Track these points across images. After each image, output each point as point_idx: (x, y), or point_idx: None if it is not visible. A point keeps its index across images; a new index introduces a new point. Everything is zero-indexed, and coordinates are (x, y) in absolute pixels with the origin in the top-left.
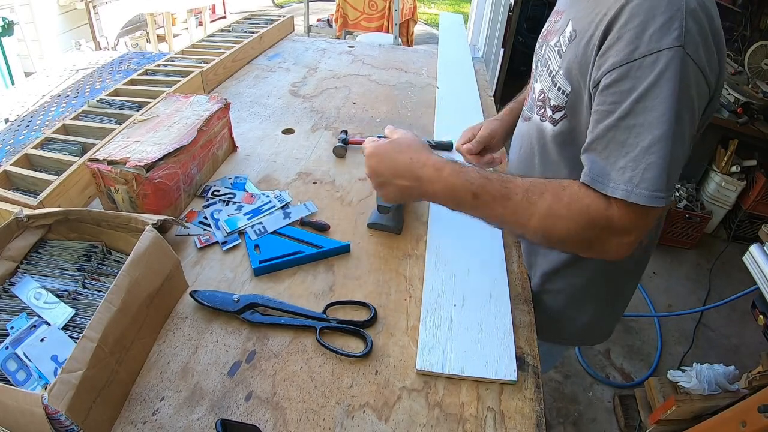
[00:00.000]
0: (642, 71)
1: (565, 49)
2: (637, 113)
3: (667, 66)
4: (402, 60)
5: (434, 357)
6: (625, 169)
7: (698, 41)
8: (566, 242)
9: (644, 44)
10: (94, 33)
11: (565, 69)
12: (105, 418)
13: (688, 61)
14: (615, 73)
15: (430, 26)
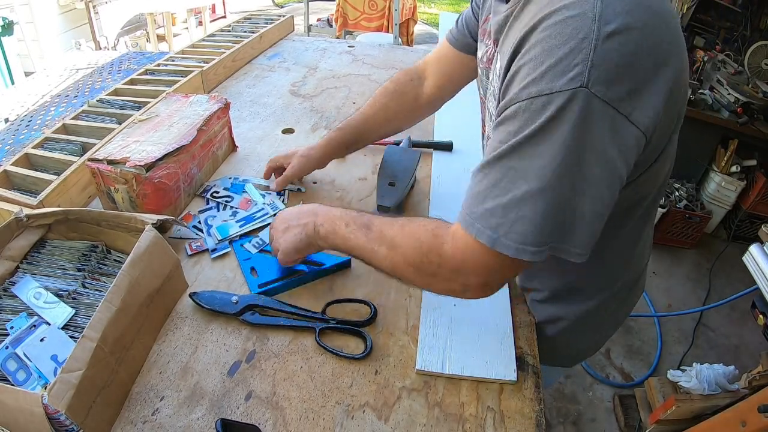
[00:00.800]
0: (530, 114)
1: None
2: (517, 157)
3: (560, 111)
4: (402, 60)
5: (434, 357)
6: (493, 214)
7: (612, 75)
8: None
9: (536, 83)
10: (94, 33)
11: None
12: (105, 418)
13: (593, 103)
14: (508, 111)
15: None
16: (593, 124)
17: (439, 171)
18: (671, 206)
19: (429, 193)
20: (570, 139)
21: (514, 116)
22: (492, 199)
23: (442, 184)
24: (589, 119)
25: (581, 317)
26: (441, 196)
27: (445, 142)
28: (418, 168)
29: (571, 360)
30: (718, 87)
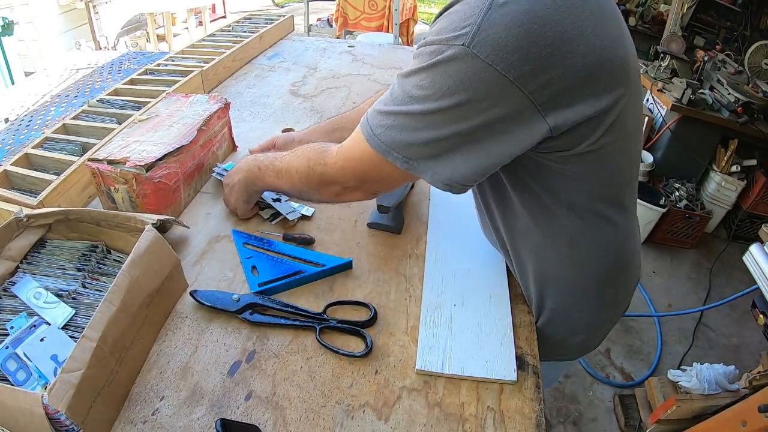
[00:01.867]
0: (423, 57)
1: None
2: (399, 83)
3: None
4: (402, 59)
5: (434, 357)
6: (379, 115)
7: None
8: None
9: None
10: (94, 33)
11: None
12: (105, 418)
13: (476, 62)
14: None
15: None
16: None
17: None
18: (671, 206)
19: (429, 193)
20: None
21: (415, 56)
22: (382, 104)
23: None
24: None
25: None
26: (441, 195)
27: None
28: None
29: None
30: (718, 87)
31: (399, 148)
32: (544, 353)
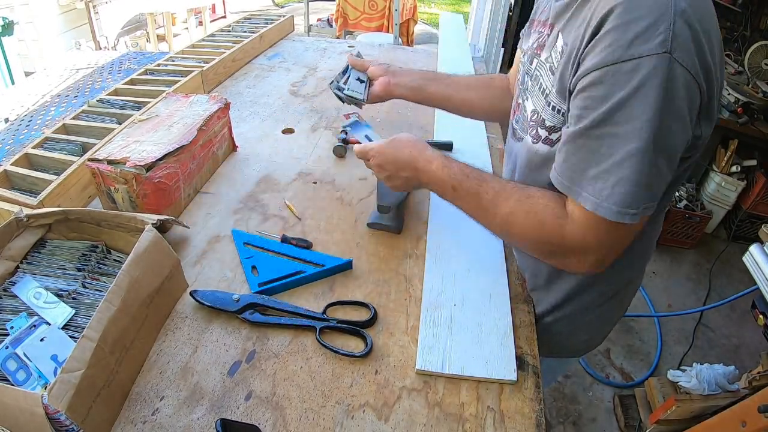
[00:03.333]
0: (618, 78)
1: (557, 65)
2: (612, 123)
3: (650, 74)
4: (402, 60)
5: (434, 357)
6: (597, 179)
7: (690, 45)
8: (525, 247)
9: (623, 48)
10: (94, 33)
11: (558, 87)
12: (105, 418)
13: (675, 68)
14: (590, 77)
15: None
16: (677, 88)
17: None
18: (671, 206)
19: (429, 193)
20: (660, 101)
21: (601, 81)
22: (594, 166)
23: None
24: (673, 82)
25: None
26: None
27: (445, 142)
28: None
29: (581, 349)
30: None
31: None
32: (550, 350)
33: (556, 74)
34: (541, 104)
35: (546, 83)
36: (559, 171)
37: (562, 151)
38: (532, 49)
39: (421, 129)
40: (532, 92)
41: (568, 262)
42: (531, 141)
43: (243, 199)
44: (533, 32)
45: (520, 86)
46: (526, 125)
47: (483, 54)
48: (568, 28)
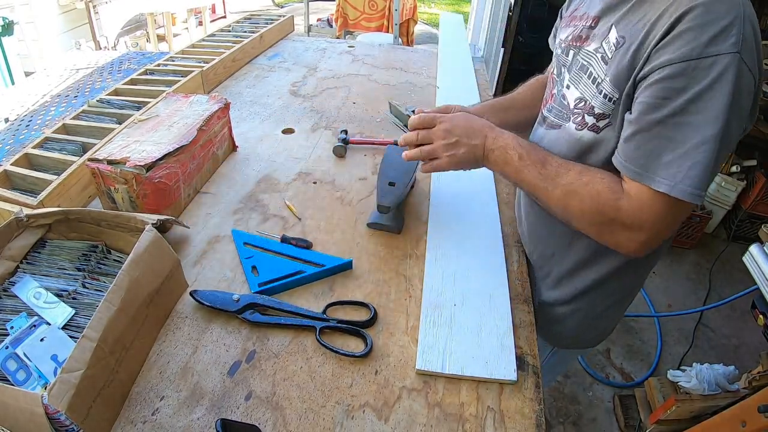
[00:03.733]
0: (698, 72)
1: (611, 56)
2: (689, 112)
3: (725, 71)
4: (402, 60)
5: (434, 357)
6: (671, 164)
7: (752, 47)
8: (581, 221)
9: (702, 46)
10: (94, 33)
11: (612, 76)
12: (105, 418)
13: (743, 68)
14: (669, 69)
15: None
16: (743, 85)
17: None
18: None
19: (429, 193)
20: (730, 95)
21: (681, 74)
22: (669, 152)
23: (442, 184)
24: (740, 80)
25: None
26: (441, 195)
27: None
28: (418, 168)
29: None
30: None
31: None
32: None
33: (611, 64)
34: (590, 92)
35: (598, 72)
36: (629, 158)
37: (634, 139)
38: (568, 41)
39: None
40: (577, 81)
41: (620, 238)
42: (575, 128)
43: (243, 199)
44: (567, 27)
45: (556, 77)
46: (567, 113)
47: (483, 54)
48: (624, 23)
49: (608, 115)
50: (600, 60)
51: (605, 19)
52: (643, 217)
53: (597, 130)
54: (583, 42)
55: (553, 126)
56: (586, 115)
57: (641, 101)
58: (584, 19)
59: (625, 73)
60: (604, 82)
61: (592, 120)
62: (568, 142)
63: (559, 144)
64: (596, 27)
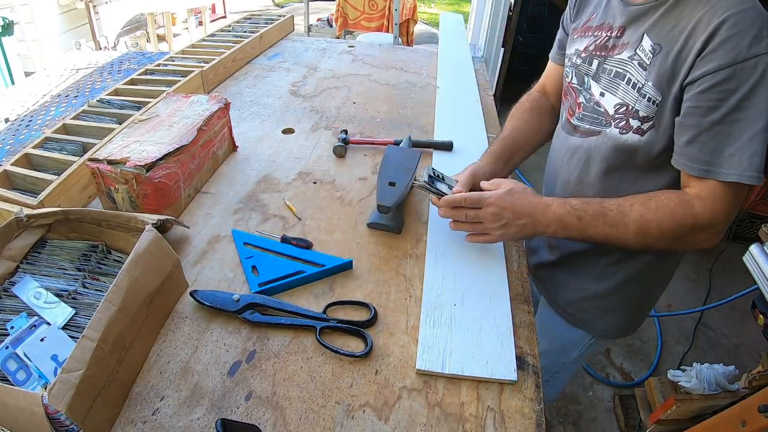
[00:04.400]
0: (744, 73)
1: (650, 62)
2: (742, 109)
3: (765, 69)
4: (402, 60)
5: (434, 357)
6: (733, 156)
7: None
8: (662, 241)
9: (745, 50)
10: (94, 33)
11: (654, 80)
12: (105, 418)
13: None
14: (720, 74)
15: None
16: None
17: (439, 171)
18: None
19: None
20: None
21: (731, 77)
22: (730, 146)
23: None
24: None
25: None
26: None
27: (445, 142)
28: (418, 168)
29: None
30: None
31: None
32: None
33: (651, 70)
34: (632, 97)
35: (637, 78)
36: (694, 158)
37: (697, 141)
38: (589, 51)
39: (421, 129)
40: (614, 88)
41: (699, 238)
42: (619, 132)
43: (243, 199)
44: (582, 38)
45: (578, 86)
46: (607, 119)
47: (483, 54)
48: (657, 31)
49: (652, 118)
50: (637, 66)
51: (633, 28)
52: (717, 211)
53: (641, 132)
54: (610, 51)
55: (590, 133)
56: (630, 119)
57: (696, 105)
58: (606, 29)
59: (668, 77)
60: (646, 86)
61: (637, 123)
62: (613, 147)
63: (602, 150)
64: (623, 36)
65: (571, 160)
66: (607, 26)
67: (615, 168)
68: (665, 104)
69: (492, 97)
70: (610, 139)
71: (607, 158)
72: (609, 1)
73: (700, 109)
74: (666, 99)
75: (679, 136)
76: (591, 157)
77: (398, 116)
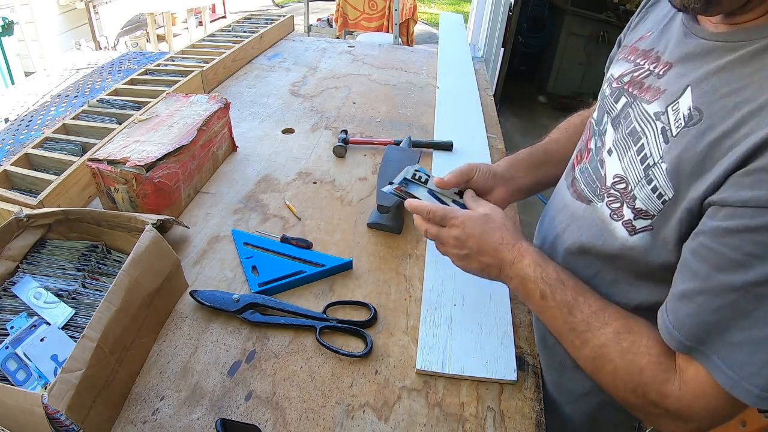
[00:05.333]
0: None
1: (677, 133)
2: None
3: None
4: (402, 60)
5: (434, 357)
6: (739, 348)
7: None
8: (610, 391)
9: None
10: (94, 33)
11: (671, 165)
12: (105, 418)
13: None
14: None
15: (430, 26)
16: None
17: (439, 171)
18: None
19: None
20: None
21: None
22: (741, 331)
23: None
24: None
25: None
26: None
27: (445, 142)
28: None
29: None
30: None
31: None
32: None
33: (674, 146)
34: (635, 174)
35: (652, 149)
36: (681, 325)
37: (694, 300)
38: (622, 83)
39: (421, 129)
40: (623, 150)
41: (660, 422)
42: (609, 215)
43: (243, 199)
44: (625, 60)
45: (596, 126)
46: (602, 189)
47: (483, 54)
48: (707, 89)
49: (651, 216)
50: (659, 133)
51: (680, 71)
52: (696, 408)
53: (632, 230)
54: (643, 92)
55: (582, 198)
56: (625, 204)
57: (712, 247)
58: (651, 58)
59: (693, 169)
60: (657, 167)
61: (630, 214)
62: (597, 230)
63: (586, 227)
64: (665, 76)
65: (557, 217)
66: (654, 56)
67: (592, 254)
68: (675, 207)
69: (492, 97)
70: (598, 218)
71: (587, 239)
72: (672, 20)
73: (715, 255)
74: (679, 200)
75: (678, 280)
76: (570, 226)
77: (398, 116)
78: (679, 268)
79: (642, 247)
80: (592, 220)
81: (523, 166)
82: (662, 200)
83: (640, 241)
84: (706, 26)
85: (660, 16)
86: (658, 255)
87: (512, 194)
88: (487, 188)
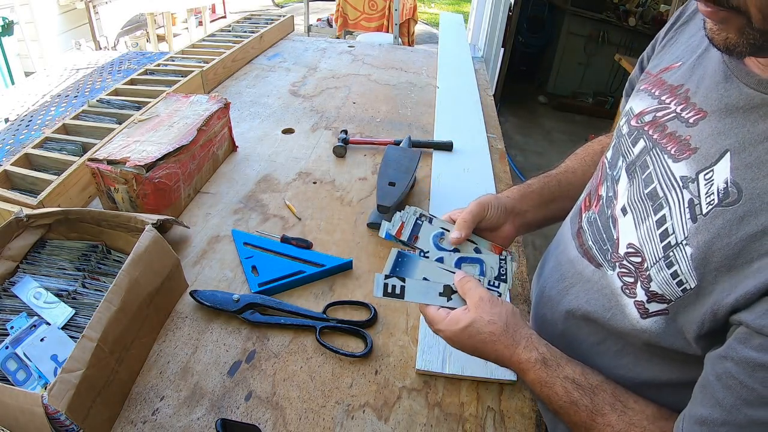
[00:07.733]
0: None
1: (708, 212)
2: None
3: None
4: (402, 60)
5: (434, 357)
6: None
7: None
8: None
9: None
10: (94, 33)
11: (698, 251)
12: (105, 418)
13: None
14: None
15: (430, 26)
16: None
17: (439, 171)
18: None
19: (429, 192)
20: None
21: None
22: None
23: (442, 183)
24: None
25: None
26: (441, 195)
27: (445, 142)
28: (418, 168)
29: None
30: None
31: None
32: None
33: (703, 227)
34: (654, 251)
35: (676, 224)
36: None
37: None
38: (643, 122)
39: (421, 129)
40: (641, 215)
41: None
42: (620, 288)
43: (243, 199)
44: (648, 94)
45: (609, 169)
46: (614, 256)
47: (483, 54)
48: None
49: (668, 301)
50: (686, 206)
51: (717, 126)
52: None
53: (644, 312)
54: (666, 139)
55: (591, 258)
56: (640, 282)
57: (742, 381)
58: (679, 97)
59: (723, 262)
60: (680, 249)
61: (643, 296)
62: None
63: (593, 293)
64: (696, 126)
65: (560, 269)
66: (683, 95)
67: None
68: (697, 299)
69: (492, 97)
70: (607, 289)
71: (593, 309)
72: (707, 51)
73: (745, 389)
74: (702, 292)
75: (698, 401)
76: (575, 287)
77: (398, 116)
78: (701, 388)
79: (654, 332)
80: (600, 288)
81: (535, 199)
82: (682, 288)
83: (652, 326)
84: (754, 70)
85: (694, 43)
86: (674, 341)
87: (518, 230)
88: (498, 225)
